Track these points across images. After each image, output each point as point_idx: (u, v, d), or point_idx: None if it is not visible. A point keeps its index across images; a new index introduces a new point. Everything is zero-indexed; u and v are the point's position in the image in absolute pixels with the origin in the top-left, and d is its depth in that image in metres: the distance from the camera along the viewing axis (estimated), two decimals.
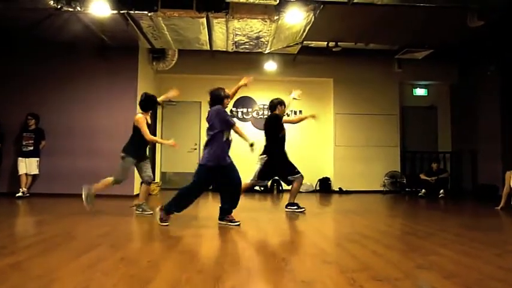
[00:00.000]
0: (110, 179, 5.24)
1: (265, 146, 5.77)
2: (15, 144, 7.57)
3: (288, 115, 6.22)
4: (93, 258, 2.78)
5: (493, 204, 6.71)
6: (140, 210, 5.33)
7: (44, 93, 7.75)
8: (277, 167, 5.73)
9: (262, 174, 5.72)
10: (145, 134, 5.21)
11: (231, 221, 4.49)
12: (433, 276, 2.46)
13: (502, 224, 5.35)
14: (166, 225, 4.31)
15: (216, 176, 4.46)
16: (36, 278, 2.26)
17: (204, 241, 3.61)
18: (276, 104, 5.84)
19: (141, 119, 5.23)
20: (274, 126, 5.79)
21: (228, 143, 4.48)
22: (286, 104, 5.92)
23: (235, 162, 4.60)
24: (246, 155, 5.03)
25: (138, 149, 5.35)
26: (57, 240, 3.42)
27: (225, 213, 4.55)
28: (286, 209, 5.78)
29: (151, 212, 5.18)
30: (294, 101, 6.04)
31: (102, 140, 7.71)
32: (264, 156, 5.68)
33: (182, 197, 4.45)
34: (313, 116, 6.49)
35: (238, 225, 4.42)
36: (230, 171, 4.50)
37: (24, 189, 7.24)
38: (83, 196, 5.15)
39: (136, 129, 5.25)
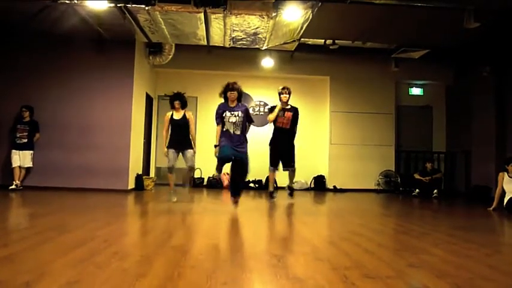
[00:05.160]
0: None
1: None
2: (9, 136, 7.51)
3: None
4: (86, 252, 2.77)
5: (485, 205, 6.76)
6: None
7: (39, 85, 7.68)
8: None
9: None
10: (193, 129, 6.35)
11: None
12: (425, 275, 2.47)
13: (494, 224, 5.40)
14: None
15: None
16: (28, 271, 2.25)
17: (197, 237, 3.61)
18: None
19: None
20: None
21: (226, 133, 5.09)
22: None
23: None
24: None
25: None
26: (50, 234, 3.40)
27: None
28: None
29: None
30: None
31: (97, 134, 7.67)
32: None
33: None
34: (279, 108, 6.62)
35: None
36: (236, 163, 5.15)
37: (17, 182, 7.19)
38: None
39: (188, 125, 6.15)
